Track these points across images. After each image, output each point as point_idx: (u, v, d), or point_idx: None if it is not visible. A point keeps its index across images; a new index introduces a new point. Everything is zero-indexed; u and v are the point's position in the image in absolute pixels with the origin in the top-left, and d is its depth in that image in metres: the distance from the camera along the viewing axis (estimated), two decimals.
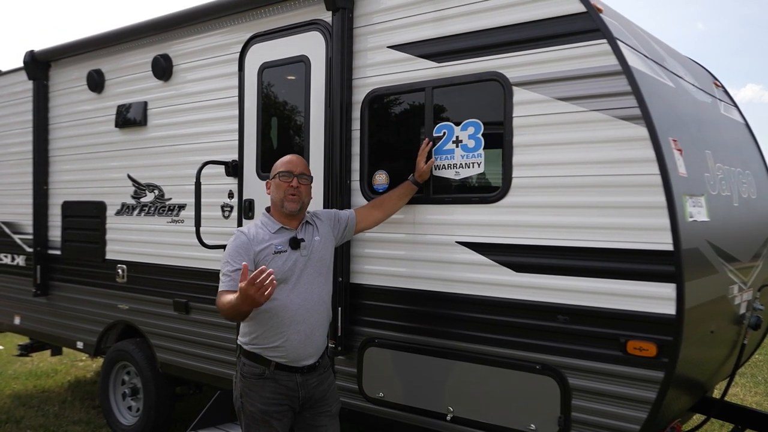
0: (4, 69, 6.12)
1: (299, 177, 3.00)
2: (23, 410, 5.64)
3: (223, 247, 4.09)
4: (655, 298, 2.70)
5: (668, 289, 2.67)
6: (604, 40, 2.82)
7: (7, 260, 6.08)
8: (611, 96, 2.80)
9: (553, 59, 2.96)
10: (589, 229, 2.87)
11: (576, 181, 2.91)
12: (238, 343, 3.01)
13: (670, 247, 2.66)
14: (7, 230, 6.08)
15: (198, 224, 4.02)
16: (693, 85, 3.78)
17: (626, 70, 2.77)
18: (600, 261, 2.84)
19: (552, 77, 2.96)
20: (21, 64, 5.64)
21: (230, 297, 2.68)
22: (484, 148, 3.20)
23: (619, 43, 2.83)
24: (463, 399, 3.24)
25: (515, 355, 3.07)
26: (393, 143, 3.61)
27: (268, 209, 3.07)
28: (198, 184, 3.99)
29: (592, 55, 2.86)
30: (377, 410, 3.54)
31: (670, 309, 2.66)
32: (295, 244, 2.95)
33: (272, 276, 2.46)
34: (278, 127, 4.10)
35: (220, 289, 2.83)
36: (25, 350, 6.18)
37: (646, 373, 2.73)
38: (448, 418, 3.26)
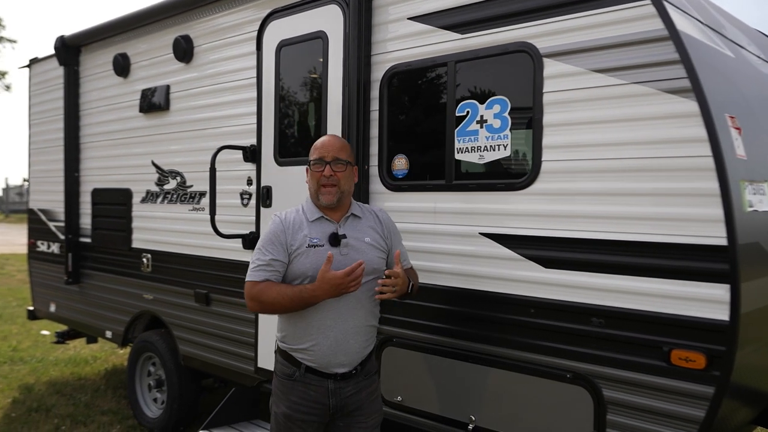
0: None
1: (333, 163, 2.60)
2: (56, 398, 5.63)
3: (240, 236, 3.96)
4: (706, 300, 2.32)
5: (721, 291, 2.28)
6: (648, 1, 2.43)
7: (43, 247, 6.10)
8: (656, 65, 2.42)
9: (588, 26, 2.59)
10: (628, 220, 2.50)
11: (614, 164, 2.53)
12: (276, 337, 2.74)
13: (723, 242, 2.27)
14: (43, 217, 6.09)
15: (213, 212, 3.83)
16: (759, 57, 3.32)
17: (674, 35, 2.37)
18: (641, 257, 2.46)
19: (587, 46, 2.59)
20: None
21: (286, 290, 2.51)
22: (510, 129, 2.86)
23: (666, 4, 2.43)
24: (487, 407, 2.93)
25: (544, 361, 2.73)
26: (413, 125, 3.30)
27: None
28: (213, 170, 3.79)
29: (633, 18, 2.47)
30: (395, 415, 3.26)
31: (722, 314, 2.28)
32: (335, 240, 2.60)
33: (363, 267, 2.46)
34: (296, 109, 3.85)
35: (254, 279, 2.54)
36: (62, 337, 6.21)
37: (693, 388, 2.35)
38: (470, 427, 2.96)
